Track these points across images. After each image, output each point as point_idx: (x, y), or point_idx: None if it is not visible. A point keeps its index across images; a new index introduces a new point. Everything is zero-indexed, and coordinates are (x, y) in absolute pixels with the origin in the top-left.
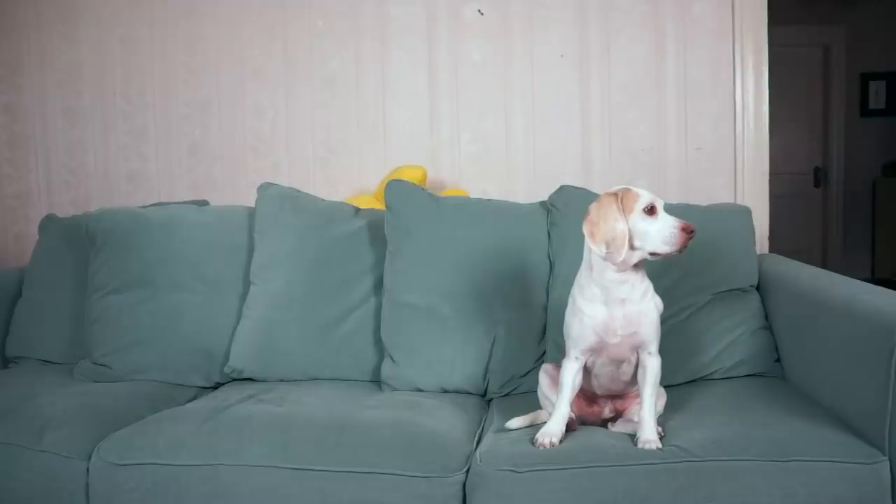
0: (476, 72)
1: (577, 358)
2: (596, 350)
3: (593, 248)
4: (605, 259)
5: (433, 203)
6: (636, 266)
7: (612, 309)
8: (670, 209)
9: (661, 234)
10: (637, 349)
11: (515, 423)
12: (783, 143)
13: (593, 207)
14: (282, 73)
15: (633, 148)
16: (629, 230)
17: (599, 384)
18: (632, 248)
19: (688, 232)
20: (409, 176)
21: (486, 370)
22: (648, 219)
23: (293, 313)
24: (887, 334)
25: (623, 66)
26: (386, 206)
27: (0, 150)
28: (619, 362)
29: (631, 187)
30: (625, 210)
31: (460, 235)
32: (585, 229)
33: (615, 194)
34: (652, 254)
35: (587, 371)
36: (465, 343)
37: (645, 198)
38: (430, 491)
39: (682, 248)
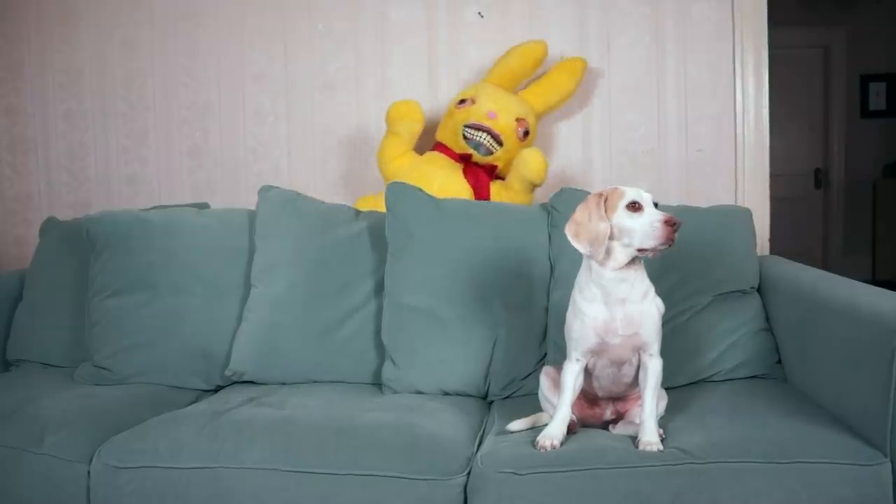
0: (476, 74)
1: (578, 360)
2: (597, 351)
3: (578, 248)
4: (589, 258)
5: (434, 205)
6: (633, 264)
7: (612, 309)
8: (669, 211)
9: (643, 229)
10: (638, 350)
11: (516, 425)
12: (784, 145)
13: (579, 208)
14: (282, 75)
15: (634, 150)
16: (613, 227)
17: (600, 386)
18: (622, 245)
19: (671, 224)
20: (405, 111)
21: (487, 372)
22: (633, 215)
23: (294, 316)
24: (888, 336)
25: (623, 68)
26: (386, 209)
27: (1, 153)
28: (620, 364)
29: (619, 186)
30: (609, 209)
31: (461, 238)
32: (569, 230)
33: (600, 194)
34: (640, 250)
35: (588, 373)
36: (465, 345)
37: (629, 195)
38: (431, 493)
39: (669, 242)
